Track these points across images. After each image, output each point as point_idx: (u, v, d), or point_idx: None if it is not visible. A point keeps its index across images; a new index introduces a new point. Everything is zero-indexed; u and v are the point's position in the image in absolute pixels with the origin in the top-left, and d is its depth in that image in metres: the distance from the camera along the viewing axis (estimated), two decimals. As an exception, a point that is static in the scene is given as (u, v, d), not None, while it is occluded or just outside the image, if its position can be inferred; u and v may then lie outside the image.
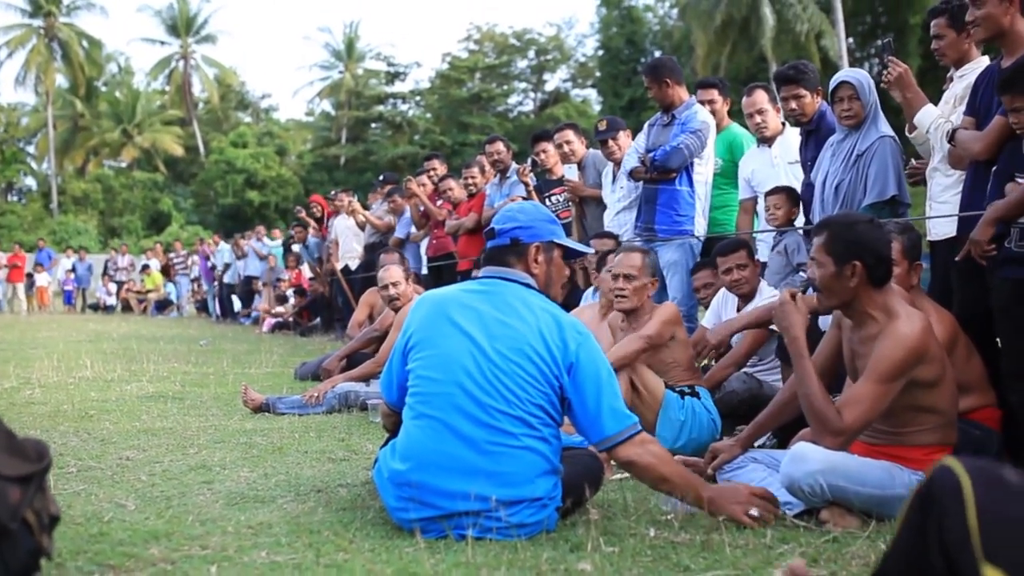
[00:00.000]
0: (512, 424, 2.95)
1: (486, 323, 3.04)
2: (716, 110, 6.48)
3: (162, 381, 7.44)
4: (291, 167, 47.15)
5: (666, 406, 4.30)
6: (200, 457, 4.26)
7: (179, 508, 3.31)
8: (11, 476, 1.85)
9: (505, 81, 46.55)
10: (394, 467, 3.01)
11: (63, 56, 49.61)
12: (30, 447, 1.93)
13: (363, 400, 5.69)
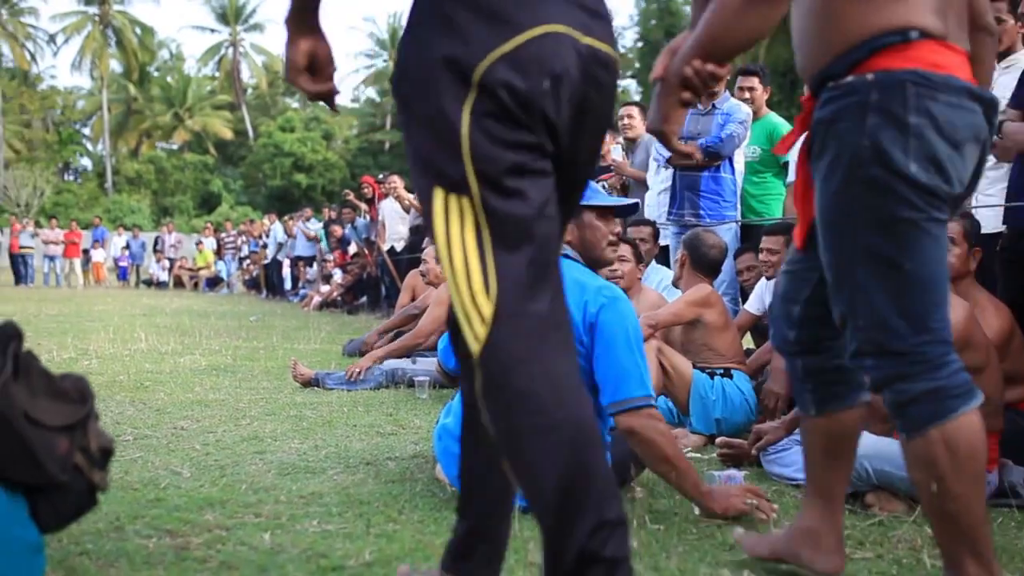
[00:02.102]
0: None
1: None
2: (755, 98, 6.57)
3: (214, 354, 7.56)
4: (337, 151, 47.45)
5: (695, 386, 4.30)
6: (252, 428, 4.34)
7: (232, 477, 3.39)
8: (57, 426, 1.85)
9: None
10: (444, 421, 3.08)
11: (117, 42, 50.42)
12: (71, 387, 1.92)
13: (410, 377, 5.76)
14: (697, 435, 4.29)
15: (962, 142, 2.02)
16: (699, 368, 4.38)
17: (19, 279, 24.81)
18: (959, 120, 2.00)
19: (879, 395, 2.11)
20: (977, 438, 2.02)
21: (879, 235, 2.02)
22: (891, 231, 2.02)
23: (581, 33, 1.69)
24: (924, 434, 2.03)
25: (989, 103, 2.06)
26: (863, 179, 2.01)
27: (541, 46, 1.64)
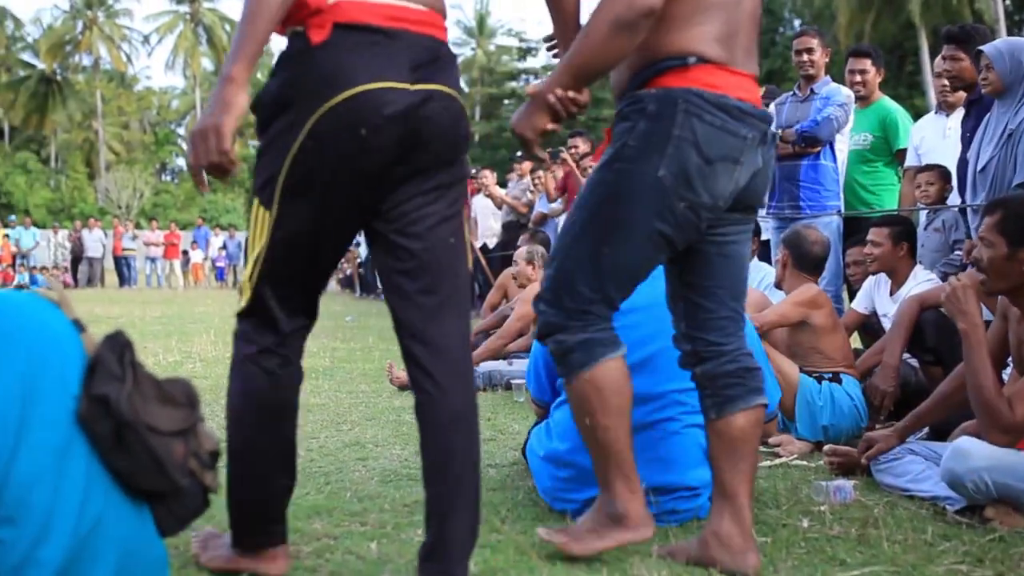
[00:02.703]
0: (675, 408, 2.95)
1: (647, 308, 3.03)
2: (868, 81, 6.18)
3: (312, 356, 7.66)
4: (427, 145, 47.91)
5: (802, 391, 4.20)
6: (353, 434, 4.39)
7: (337, 484, 3.42)
8: (171, 431, 1.88)
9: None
10: (550, 447, 3.03)
11: (208, 40, 51.52)
12: (178, 392, 1.95)
13: (507, 379, 5.76)
14: (803, 441, 4.19)
15: (715, 160, 2.32)
16: (806, 372, 4.27)
17: (123, 281, 25.52)
18: (717, 141, 2.31)
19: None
20: (620, 377, 2.46)
21: (604, 218, 2.39)
22: (614, 220, 2.37)
23: (409, 84, 2.11)
24: (577, 378, 2.45)
25: (759, 118, 2.39)
26: (616, 170, 2.37)
27: (364, 99, 2.07)
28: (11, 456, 1.65)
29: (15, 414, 1.68)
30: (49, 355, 1.78)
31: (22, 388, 1.70)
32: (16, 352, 1.73)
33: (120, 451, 1.78)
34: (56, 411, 1.74)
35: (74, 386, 1.79)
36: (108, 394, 1.78)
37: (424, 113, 2.14)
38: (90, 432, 1.77)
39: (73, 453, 1.74)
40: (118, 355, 1.84)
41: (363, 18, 2.11)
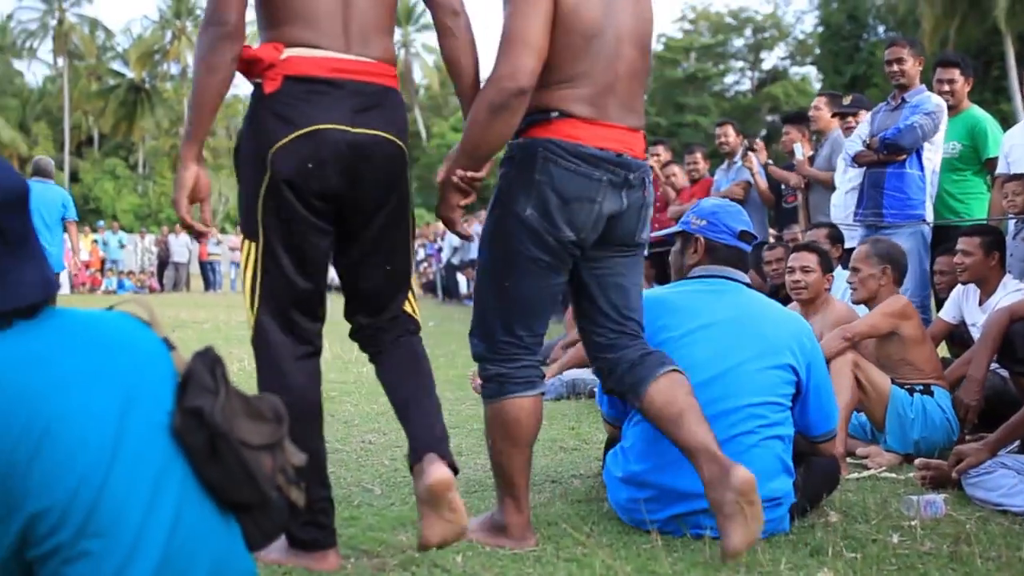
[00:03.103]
0: (752, 422, 2.95)
1: (722, 324, 3.05)
2: (956, 91, 6.06)
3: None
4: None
5: (893, 402, 4.13)
6: (437, 443, 4.42)
7: (422, 494, 3.45)
8: (260, 444, 1.89)
9: (721, 60, 45.67)
10: (629, 468, 3.03)
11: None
12: (266, 407, 1.96)
13: (591, 387, 5.75)
14: (891, 453, 4.12)
15: (571, 199, 2.68)
16: (897, 384, 4.20)
17: (208, 285, 25.94)
18: (572, 183, 2.68)
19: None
20: (522, 415, 2.81)
21: (496, 257, 2.80)
22: (504, 254, 2.76)
23: (350, 126, 2.50)
24: (489, 405, 2.85)
25: (618, 164, 2.73)
26: (497, 215, 2.78)
27: (307, 139, 2.47)
28: (107, 472, 1.69)
29: (112, 431, 1.71)
30: (143, 373, 1.82)
31: (119, 406, 1.74)
32: (113, 371, 1.77)
33: (213, 462, 1.82)
34: (151, 426, 1.78)
35: (168, 401, 1.82)
36: (202, 406, 1.80)
37: (363, 153, 2.53)
38: (184, 444, 1.81)
39: (168, 468, 1.77)
40: (210, 369, 1.87)
41: (310, 71, 2.51)
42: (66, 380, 1.70)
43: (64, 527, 1.63)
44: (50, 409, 1.66)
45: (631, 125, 2.81)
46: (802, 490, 3.09)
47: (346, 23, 2.57)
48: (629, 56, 2.79)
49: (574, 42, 2.69)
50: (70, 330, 1.78)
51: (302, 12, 2.54)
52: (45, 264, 1.78)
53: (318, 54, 2.53)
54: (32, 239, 1.77)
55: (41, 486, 1.63)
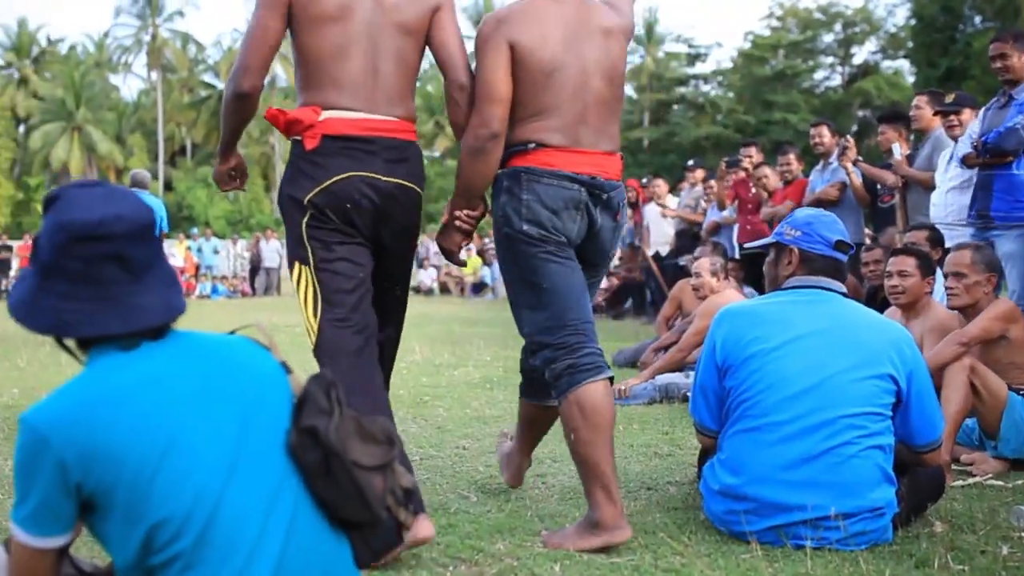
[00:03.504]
0: (851, 432, 2.88)
1: (817, 334, 2.99)
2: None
3: (486, 366, 7.76)
4: (595, 151, 47.83)
5: (1010, 408, 3.99)
6: (531, 449, 4.41)
7: (517, 502, 3.46)
8: (372, 466, 1.95)
9: (810, 56, 44.90)
10: (726, 480, 2.99)
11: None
12: (378, 430, 2.02)
13: (683, 392, 5.69)
14: (998, 460, 3.99)
15: (559, 209, 3.00)
16: (1013, 390, 4.06)
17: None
18: (555, 195, 2.99)
19: None
20: (599, 400, 2.91)
21: (519, 268, 3.06)
22: (525, 265, 3.03)
23: (384, 175, 2.99)
24: (565, 399, 2.94)
25: (589, 184, 3.04)
26: (501, 235, 3.08)
27: (343, 186, 2.93)
28: (224, 486, 1.77)
29: (230, 448, 1.81)
30: (262, 394, 1.91)
31: (238, 424, 1.83)
32: (233, 391, 1.86)
33: (327, 481, 1.88)
34: (269, 444, 1.87)
35: (284, 421, 1.91)
36: (317, 426, 1.88)
37: (392, 198, 3.03)
38: (299, 462, 1.88)
39: (284, 484, 1.85)
40: (325, 391, 1.95)
41: (345, 130, 2.97)
42: (188, 399, 1.80)
43: (183, 536, 1.73)
44: (172, 426, 1.76)
45: (605, 149, 3.11)
46: (905, 499, 3.01)
47: (374, 88, 3.02)
48: (597, 88, 3.08)
49: (536, 79, 3.01)
50: (194, 352, 1.87)
51: (337, 80, 2.98)
52: (169, 289, 1.86)
53: (351, 116, 2.99)
54: (157, 266, 1.86)
55: (163, 498, 1.73)
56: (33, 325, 1.81)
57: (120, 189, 1.87)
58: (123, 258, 1.79)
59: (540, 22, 3.03)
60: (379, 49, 3.02)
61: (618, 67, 3.15)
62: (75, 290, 1.78)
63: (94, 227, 1.76)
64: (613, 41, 3.13)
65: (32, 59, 54.35)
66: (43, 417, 1.73)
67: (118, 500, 1.73)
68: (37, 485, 1.74)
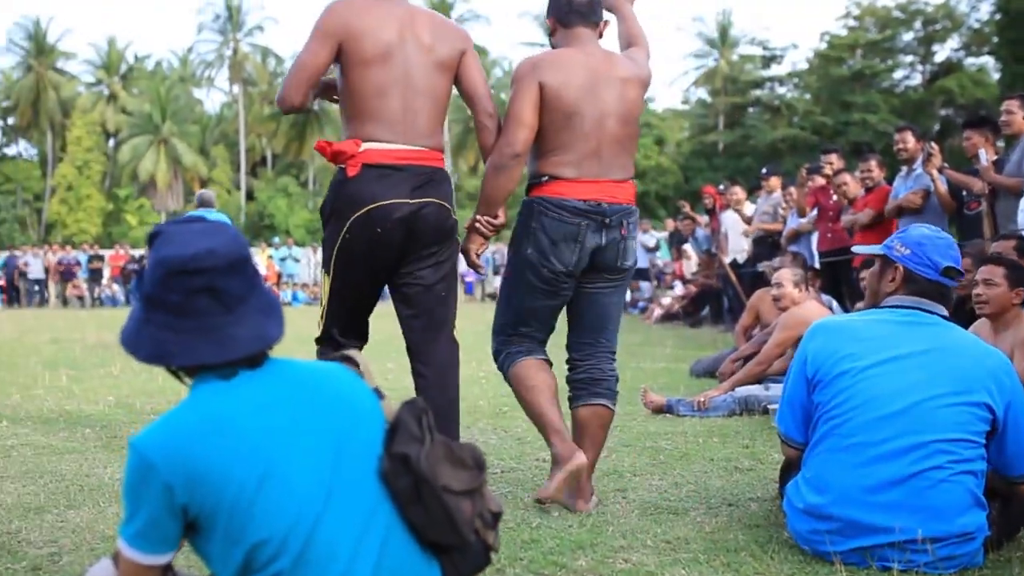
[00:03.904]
0: (941, 457, 2.82)
1: (913, 356, 2.94)
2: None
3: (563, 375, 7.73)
4: (669, 155, 47.53)
5: None
6: (611, 461, 4.43)
7: (598, 517, 3.47)
8: (461, 490, 2.01)
9: (889, 55, 44.05)
10: (810, 500, 2.96)
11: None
12: (467, 454, 2.08)
13: (763, 404, 5.66)
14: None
15: (559, 241, 3.56)
16: None
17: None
18: (557, 228, 3.56)
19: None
20: (528, 370, 3.70)
21: (510, 281, 3.76)
22: (517, 280, 3.71)
23: (408, 199, 3.49)
24: (507, 377, 3.78)
25: (594, 211, 3.56)
26: (511, 254, 3.74)
27: (380, 213, 3.47)
28: (321, 509, 1.85)
29: (326, 473, 1.89)
30: (356, 420, 1.98)
31: (333, 450, 1.91)
32: (328, 418, 1.94)
33: (418, 505, 1.95)
34: (362, 470, 1.94)
35: (377, 447, 1.98)
36: (409, 453, 1.95)
37: (420, 215, 3.52)
38: (391, 487, 1.96)
39: (377, 508, 1.93)
40: (417, 418, 2.02)
41: (381, 160, 3.48)
42: (285, 426, 1.88)
43: (282, 556, 1.82)
44: (271, 452, 1.85)
45: (615, 178, 3.63)
46: (997, 523, 2.95)
47: (408, 123, 3.51)
48: (611, 128, 3.60)
49: (556, 119, 3.54)
50: (290, 379, 1.95)
51: (376, 115, 3.49)
52: (266, 319, 1.94)
53: (387, 147, 3.49)
54: (253, 296, 1.93)
55: (262, 520, 1.82)
56: (138, 355, 1.91)
57: (216, 224, 1.95)
58: (216, 291, 1.87)
59: (566, 69, 3.57)
60: (415, 87, 3.52)
61: (632, 111, 3.66)
62: (174, 321, 1.88)
63: (187, 262, 1.85)
64: (629, 88, 3.65)
65: (120, 76, 55.79)
66: (150, 443, 1.83)
67: (220, 521, 1.82)
68: (145, 506, 1.83)
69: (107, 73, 55.34)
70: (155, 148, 50.17)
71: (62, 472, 4.30)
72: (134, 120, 51.52)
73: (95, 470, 4.34)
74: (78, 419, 5.84)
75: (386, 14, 3.50)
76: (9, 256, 29.94)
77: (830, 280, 8.97)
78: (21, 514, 3.57)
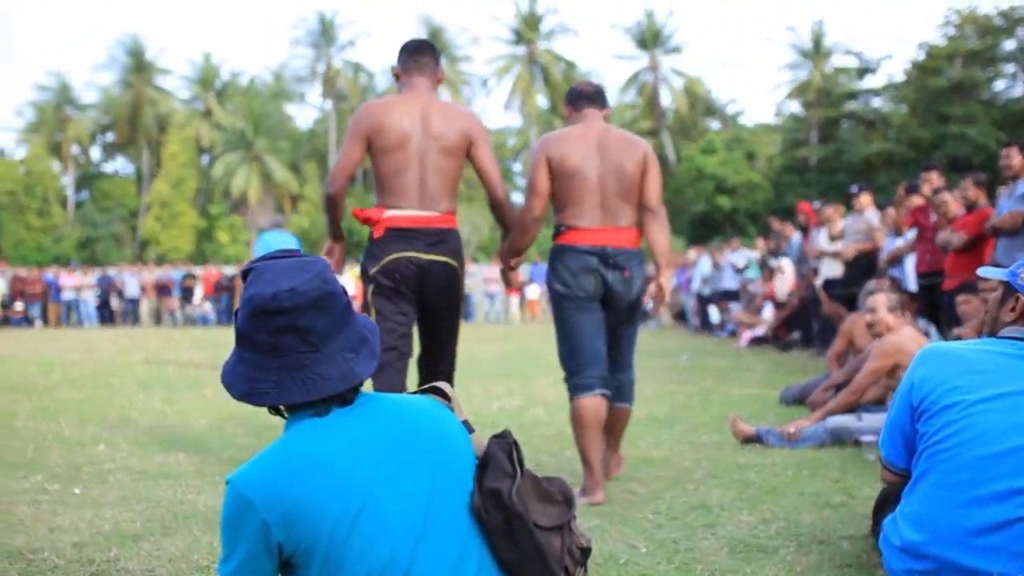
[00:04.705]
0: None
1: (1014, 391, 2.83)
2: None
3: (651, 402, 7.70)
4: (760, 171, 46.90)
5: None
6: (699, 494, 4.39)
7: (687, 554, 3.43)
8: (550, 526, 2.00)
9: (990, 65, 42.88)
10: (907, 536, 2.89)
11: (544, 79, 53.53)
12: (556, 490, 2.07)
13: (855, 436, 5.53)
14: None
15: (577, 272, 4.39)
16: None
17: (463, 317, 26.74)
18: (575, 262, 4.40)
19: None
20: (585, 409, 4.37)
21: (555, 311, 4.54)
22: (556, 310, 4.52)
23: (423, 253, 4.33)
24: (571, 404, 4.46)
25: (599, 253, 4.40)
26: (547, 289, 4.59)
27: (399, 263, 4.31)
28: (416, 546, 1.87)
29: (420, 509, 1.90)
30: (447, 455, 1.99)
31: (427, 486, 1.93)
32: (420, 453, 1.95)
33: (508, 541, 1.95)
34: (455, 505, 1.95)
35: (468, 482, 1.99)
36: (500, 489, 1.96)
37: (430, 269, 4.38)
38: (482, 523, 1.96)
39: (468, 544, 1.94)
40: (507, 453, 2.02)
41: (400, 224, 4.35)
42: (379, 462, 1.90)
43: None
44: (365, 489, 1.87)
45: (618, 226, 4.45)
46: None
47: (421, 194, 4.37)
48: (612, 186, 4.43)
49: (564, 182, 4.44)
50: (383, 415, 1.97)
51: (396, 189, 4.37)
52: (355, 356, 1.96)
53: (405, 214, 4.36)
54: (340, 333, 1.95)
55: (357, 558, 1.84)
56: (232, 392, 1.96)
57: (306, 260, 1.98)
58: (300, 329, 1.89)
59: (568, 142, 4.47)
60: (426, 166, 4.37)
61: (630, 172, 4.44)
62: (263, 360, 1.91)
63: (268, 301, 1.89)
64: (625, 154, 4.45)
65: (215, 91, 57.26)
66: (247, 481, 1.86)
67: (316, 559, 1.85)
68: (242, 543, 1.87)
69: (203, 89, 56.84)
70: (247, 164, 51.32)
71: (157, 498, 4.40)
72: (227, 136, 52.77)
73: (188, 496, 4.44)
74: (172, 443, 5.99)
75: (403, 110, 4.38)
76: (103, 275, 30.81)
77: (927, 304, 8.76)
78: (119, 541, 3.66)
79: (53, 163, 54.82)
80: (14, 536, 3.74)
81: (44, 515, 4.08)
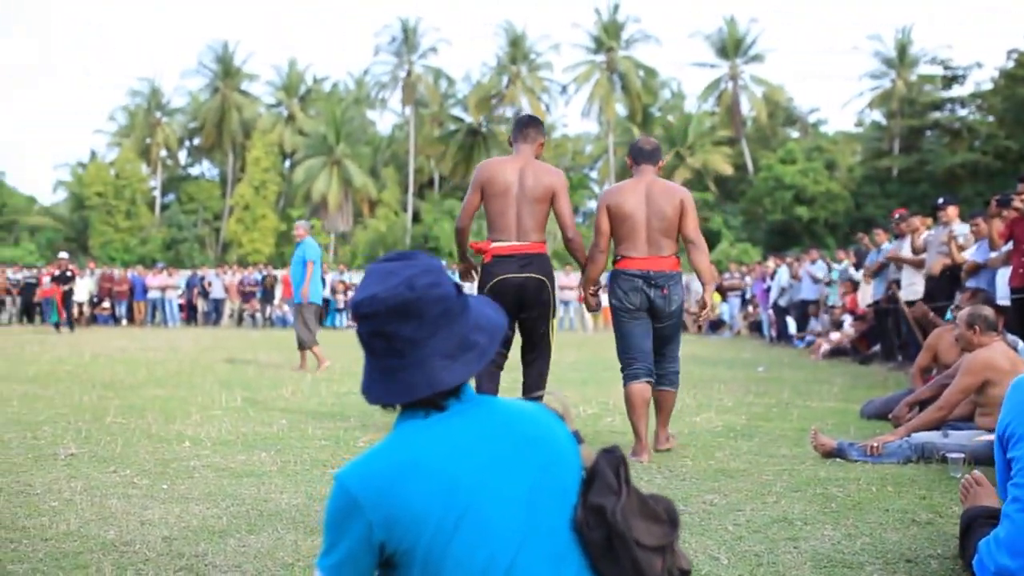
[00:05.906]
0: None
1: None
2: None
3: (728, 412, 7.65)
4: (840, 181, 46.14)
5: None
6: (780, 508, 4.33)
7: (769, 567, 3.40)
8: (653, 546, 1.95)
9: (1083, 74, 41.66)
10: (1002, 562, 2.83)
11: (622, 87, 53.38)
12: (661, 508, 2.01)
13: (941, 453, 5.41)
14: None
15: (628, 291, 5.70)
16: None
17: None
18: (626, 283, 5.71)
19: None
20: (634, 393, 5.67)
21: (614, 320, 5.87)
22: (615, 319, 5.85)
23: (516, 273, 5.86)
24: (624, 389, 5.77)
25: (643, 276, 5.68)
26: (609, 303, 5.88)
27: (502, 282, 5.86)
28: (515, 555, 1.85)
29: (521, 518, 1.88)
30: (553, 465, 1.96)
31: (529, 495, 1.90)
32: (526, 461, 1.93)
33: (609, 558, 1.91)
34: (557, 517, 1.92)
35: (572, 495, 1.95)
36: (604, 505, 1.91)
37: (524, 285, 5.82)
38: (583, 538, 1.93)
39: (567, 558, 1.91)
40: (614, 469, 1.98)
41: (502, 252, 5.83)
42: (483, 466, 1.89)
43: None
44: (468, 493, 1.86)
45: (659, 254, 5.71)
46: None
47: (517, 229, 5.86)
48: (656, 225, 5.69)
49: (619, 224, 5.73)
50: (492, 419, 1.96)
51: (499, 226, 5.88)
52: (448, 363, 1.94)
53: (505, 244, 5.85)
54: (435, 339, 1.94)
55: (457, 562, 1.83)
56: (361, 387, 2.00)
57: (404, 264, 1.98)
58: (385, 335, 1.91)
59: (623, 193, 5.77)
60: (521, 209, 5.86)
61: (667, 214, 5.67)
62: (368, 360, 1.96)
63: (356, 307, 1.93)
64: (666, 201, 5.70)
65: (299, 97, 58.20)
66: (355, 479, 1.88)
67: (416, 560, 1.85)
68: (344, 540, 1.88)
69: (287, 95, 57.81)
70: (328, 169, 51.97)
71: (242, 496, 4.49)
72: (310, 141, 53.51)
73: (272, 495, 4.52)
74: (254, 442, 6.10)
75: (507, 168, 5.91)
76: (192, 276, 31.46)
77: (1017, 318, 8.55)
78: (207, 537, 3.74)
79: (142, 166, 56.20)
80: (107, 528, 3.85)
81: (135, 508, 4.20)
